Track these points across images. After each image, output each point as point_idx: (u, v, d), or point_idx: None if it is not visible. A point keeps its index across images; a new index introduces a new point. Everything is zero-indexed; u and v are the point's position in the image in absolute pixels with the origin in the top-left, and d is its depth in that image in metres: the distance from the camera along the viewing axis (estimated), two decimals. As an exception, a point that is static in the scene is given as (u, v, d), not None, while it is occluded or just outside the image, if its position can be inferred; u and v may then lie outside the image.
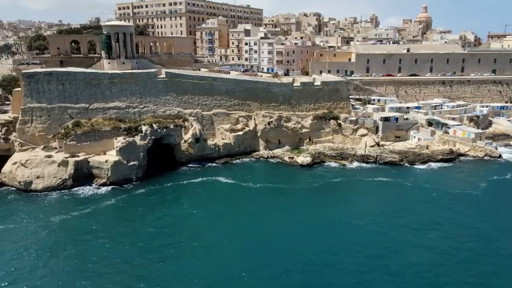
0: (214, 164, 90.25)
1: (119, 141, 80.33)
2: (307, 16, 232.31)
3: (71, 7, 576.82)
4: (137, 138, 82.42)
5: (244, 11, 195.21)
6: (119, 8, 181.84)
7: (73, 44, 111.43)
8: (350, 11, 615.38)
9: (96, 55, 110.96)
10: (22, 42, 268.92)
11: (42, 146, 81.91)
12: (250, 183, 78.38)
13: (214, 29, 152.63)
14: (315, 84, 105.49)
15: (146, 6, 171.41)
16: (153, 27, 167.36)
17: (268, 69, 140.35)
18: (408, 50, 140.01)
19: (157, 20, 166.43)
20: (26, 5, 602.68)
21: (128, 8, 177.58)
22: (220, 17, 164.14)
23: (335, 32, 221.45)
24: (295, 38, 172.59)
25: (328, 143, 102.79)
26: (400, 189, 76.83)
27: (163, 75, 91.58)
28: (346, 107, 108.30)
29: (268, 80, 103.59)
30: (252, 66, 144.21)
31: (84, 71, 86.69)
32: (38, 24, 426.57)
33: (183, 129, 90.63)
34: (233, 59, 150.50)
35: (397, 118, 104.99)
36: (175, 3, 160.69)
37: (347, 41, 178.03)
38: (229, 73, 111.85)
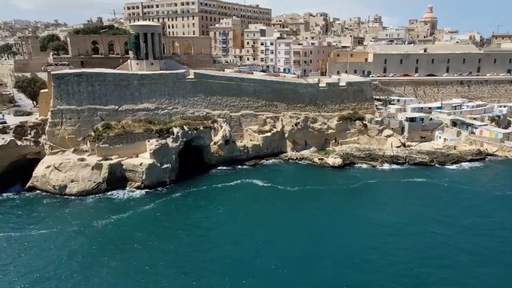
0: (244, 166, 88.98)
1: (152, 143, 78.79)
2: (313, 16, 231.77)
3: (61, 6, 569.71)
4: (169, 141, 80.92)
5: (254, 11, 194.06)
6: (128, 8, 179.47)
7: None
8: (340, 12, 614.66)
9: (115, 55, 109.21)
10: (23, 42, 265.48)
11: (73, 148, 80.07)
12: (287, 186, 77.19)
13: (228, 29, 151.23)
14: (340, 84, 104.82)
15: (157, 6, 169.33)
16: (163, 27, 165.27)
17: (284, 69, 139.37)
18: (425, 50, 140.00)
19: (169, 20, 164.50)
20: (17, 5, 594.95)
21: (137, 7, 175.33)
22: (234, 16, 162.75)
23: (342, 32, 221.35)
24: (306, 38, 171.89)
25: (353, 144, 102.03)
26: (437, 190, 76.19)
27: (191, 76, 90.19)
28: (370, 108, 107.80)
29: (295, 81, 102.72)
30: (267, 66, 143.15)
31: (113, 72, 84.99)
32: (34, 24, 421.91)
33: (212, 130, 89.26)
34: (248, 59, 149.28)
35: (422, 118, 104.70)
36: (187, 3, 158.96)
37: (358, 41, 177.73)
38: (252, 73, 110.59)
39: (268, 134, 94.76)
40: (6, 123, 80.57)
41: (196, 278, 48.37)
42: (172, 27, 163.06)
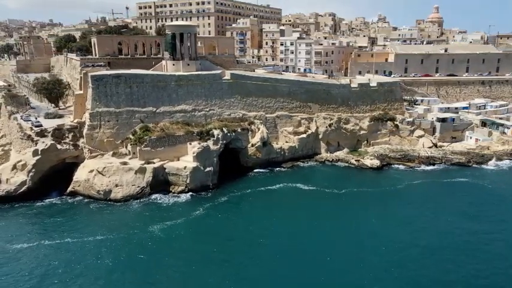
0: (282, 169, 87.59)
1: (194, 146, 77.08)
2: (322, 16, 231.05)
3: (49, 6, 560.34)
4: (210, 143, 79.18)
5: (266, 11, 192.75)
6: (140, 8, 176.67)
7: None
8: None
9: (142, 56, 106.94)
10: (25, 43, 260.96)
11: (111, 152, 77.92)
12: (333, 189, 76.01)
13: (246, 29, 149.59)
14: (371, 85, 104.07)
15: (170, 6, 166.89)
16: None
17: (305, 69, 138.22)
18: (446, 50, 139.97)
19: (182, 20, 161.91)
20: (5, 4, 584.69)
21: (150, 7, 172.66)
22: (251, 16, 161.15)
23: (352, 32, 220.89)
24: (319, 38, 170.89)
25: (385, 145, 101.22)
26: (484, 189, 75.84)
27: (227, 77, 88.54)
28: (400, 108, 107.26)
29: (328, 81, 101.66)
30: (287, 66, 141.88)
31: (151, 73, 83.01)
32: (29, 23, 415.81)
33: (249, 132, 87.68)
34: (266, 60, 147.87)
35: (453, 119, 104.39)
36: (203, 3, 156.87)
37: (372, 41, 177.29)
38: (280, 73, 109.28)
39: (304, 135, 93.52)
40: (42, 126, 78.16)
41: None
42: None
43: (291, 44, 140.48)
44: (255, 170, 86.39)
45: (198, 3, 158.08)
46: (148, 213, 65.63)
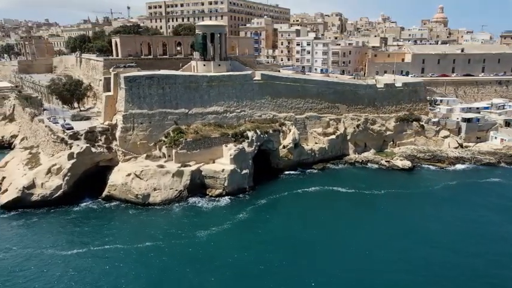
0: (314, 171, 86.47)
1: (230, 148, 75.72)
2: (328, 16, 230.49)
3: (36, 6, 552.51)
4: (245, 145, 77.86)
5: (275, 11, 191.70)
6: (149, 7, 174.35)
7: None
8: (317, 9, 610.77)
9: (164, 56, 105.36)
10: (26, 43, 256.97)
11: (145, 155, 76.21)
12: (373, 190, 75.29)
13: (261, 29, 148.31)
14: (397, 85, 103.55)
15: (181, 6, 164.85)
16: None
17: (322, 70, 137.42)
18: (462, 50, 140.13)
19: (194, 20, 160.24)
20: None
21: (160, 7, 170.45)
22: (265, 16, 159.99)
23: (359, 32, 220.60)
24: (330, 38, 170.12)
25: (410, 145, 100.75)
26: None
27: (258, 78, 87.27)
28: (424, 108, 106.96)
29: (355, 82, 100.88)
30: (303, 67, 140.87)
31: (183, 74, 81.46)
32: (25, 23, 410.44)
33: (280, 134, 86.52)
34: (282, 60, 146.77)
35: (478, 119, 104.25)
36: (216, 2, 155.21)
37: (385, 41, 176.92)
38: (304, 74, 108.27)
39: (333, 136, 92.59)
40: (73, 128, 76.20)
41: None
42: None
43: (308, 44, 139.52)
44: (286, 172, 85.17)
45: (210, 3, 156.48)
46: (190, 218, 64.08)
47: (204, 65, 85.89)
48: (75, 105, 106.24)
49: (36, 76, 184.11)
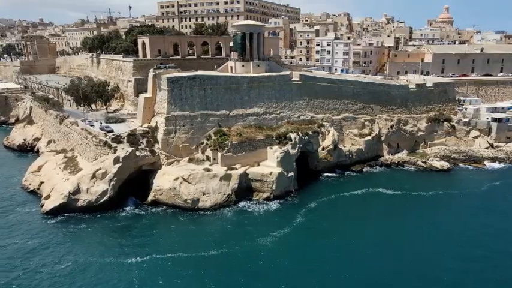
0: (352, 173, 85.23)
1: (276, 150, 74.16)
2: (336, 16, 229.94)
3: (22, 6, 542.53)
4: (289, 147, 76.38)
5: (287, 10, 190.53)
6: (161, 7, 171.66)
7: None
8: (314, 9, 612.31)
9: (193, 57, 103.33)
10: (28, 43, 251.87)
11: (187, 158, 74.30)
12: (420, 192, 74.40)
13: (279, 29, 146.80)
14: (427, 85, 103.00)
15: (195, 5, 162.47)
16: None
17: (342, 70, 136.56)
18: (482, 50, 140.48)
19: (209, 20, 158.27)
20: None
21: (173, 6, 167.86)
22: (283, 16, 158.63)
23: (368, 32, 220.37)
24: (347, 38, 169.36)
25: (441, 146, 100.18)
26: None
27: (296, 78, 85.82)
28: (453, 109, 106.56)
29: (389, 82, 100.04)
30: (323, 67, 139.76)
31: (224, 75, 79.67)
32: (19, 23, 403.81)
33: (319, 135, 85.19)
34: (300, 60, 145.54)
35: (508, 119, 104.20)
36: (231, 2, 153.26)
37: (398, 41, 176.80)
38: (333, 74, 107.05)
39: (369, 137, 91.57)
40: (113, 131, 73.89)
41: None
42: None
43: (328, 44, 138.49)
44: (325, 174, 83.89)
45: (226, 3, 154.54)
46: (245, 224, 62.25)
47: (243, 66, 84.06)
48: (93, 106, 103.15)
49: (40, 77, 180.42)
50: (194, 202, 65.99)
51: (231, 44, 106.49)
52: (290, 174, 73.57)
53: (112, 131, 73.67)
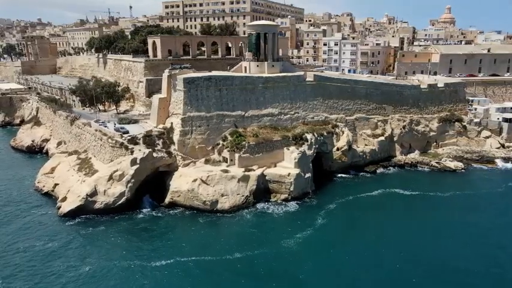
0: (367, 174, 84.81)
1: (293, 151, 73.64)
2: (339, 16, 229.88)
3: (18, 5, 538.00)
4: (305, 148, 75.86)
5: (291, 10, 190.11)
6: (166, 7, 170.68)
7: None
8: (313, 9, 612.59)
9: (203, 57, 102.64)
10: (29, 43, 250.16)
11: (204, 159, 73.59)
12: (437, 192, 74.10)
13: (286, 29, 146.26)
14: (439, 86, 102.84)
15: (200, 5, 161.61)
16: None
17: (349, 70, 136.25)
18: (489, 50, 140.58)
19: (214, 20, 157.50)
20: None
21: (178, 6, 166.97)
22: (289, 16, 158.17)
23: (371, 32, 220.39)
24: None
25: (453, 146, 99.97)
26: None
27: (311, 79, 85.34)
28: (463, 109, 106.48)
29: (401, 82, 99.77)
30: (330, 67, 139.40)
31: (240, 75, 79.07)
32: (17, 23, 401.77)
33: (334, 136, 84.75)
34: (307, 60, 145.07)
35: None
36: (238, 2, 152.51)
37: (402, 41, 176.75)
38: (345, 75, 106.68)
39: (382, 137, 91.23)
40: (128, 132, 73.08)
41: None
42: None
43: (335, 44, 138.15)
44: (339, 175, 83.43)
45: (232, 3, 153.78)
46: (266, 226, 61.69)
47: (258, 66, 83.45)
48: (100, 107, 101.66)
49: (42, 77, 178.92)
50: (213, 204, 65.31)
51: (241, 44, 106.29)
52: (307, 175, 73.05)
53: (127, 132, 72.85)
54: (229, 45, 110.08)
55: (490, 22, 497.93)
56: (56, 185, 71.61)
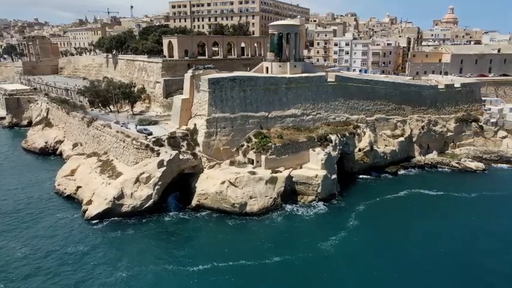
0: (388, 175, 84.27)
1: (319, 152, 72.91)
2: (342, 16, 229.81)
3: (11, 5, 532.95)
4: (330, 149, 75.14)
5: (298, 10, 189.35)
6: (173, 7, 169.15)
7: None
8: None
9: (218, 57, 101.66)
10: (30, 43, 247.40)
11: (228, 161, 72.59)
12: (462, 193, 73.70)
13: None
14: (455, 86, 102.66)
15: (208, 5, 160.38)
16: (211, 27, 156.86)
17: (360, 70, 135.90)
18: (499, 51, 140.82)
19: (222, 20, 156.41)
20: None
21: (185, 6, 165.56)
22: (299, 16, 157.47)
23: (375, 32, 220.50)
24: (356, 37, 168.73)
25: (470, 146, 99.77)
26: None
27: (332, 79, 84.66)
28: (479, 109, 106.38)
29: (420, 83, 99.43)
30: (341, 67, 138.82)
31: (263, 76, 78.24)
32: (14, 22, 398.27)
33: (355, 136, 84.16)
34: (318, 60, 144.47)
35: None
36: (246, 2, 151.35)
37: (409, 41, 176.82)
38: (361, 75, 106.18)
39: (402, 138, 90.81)
40: (152, 134, 71.96)
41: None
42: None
43: (346, 44, 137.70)
44: (361, 176, 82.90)
45: (240, 3, 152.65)
46: (299, 228, 60.89)
47: (280, 66, 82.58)
48: (111, 108, 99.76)
49: (44, 78, 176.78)
50: (242, 206, 64.37)
51: (255, 44, 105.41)
52: (333, 176, 72.39)
53: (151, 133, 71.75)
54: (243, 45, 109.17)
55: (491, 22, 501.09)
56: (78, 187, 70.32)
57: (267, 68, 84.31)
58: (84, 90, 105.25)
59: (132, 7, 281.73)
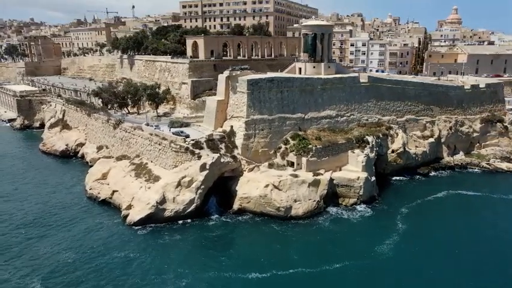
0: (421, 177, 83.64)
1: (359, 154, 71.91)
2: (349, 16, 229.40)
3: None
4: (367, 151, 74.16)
5: (308, 10, 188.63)
6: (183, 6, 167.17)
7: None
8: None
9: (244, 58, 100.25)
10: (31, 43, 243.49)
11: (267, 163, 71.23)
12: (501, 195, 73.24)
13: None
14: (480, 86, 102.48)
15: (220, 5, 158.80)
16: (223, 27, 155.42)
17: (377, 70, 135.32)
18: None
19: (235, 20, 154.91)
20: None
21: (196, 6, 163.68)
22: (313, 16, 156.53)
23: (382, 32, 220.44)
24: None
25: (495, 147, 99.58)
26: None
27: (365, 80, 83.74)
28: (502, 109, 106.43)
29: (447, 83, 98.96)
30: (357, 67, 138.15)
31: (300, 77, 76.99)
32: (10, 22, 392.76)
33: (388, 138, 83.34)
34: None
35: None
36: (260, 2, 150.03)
37: (419, 41, 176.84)
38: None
39: (432, 139, 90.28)
40: (189, 136, 70.28)
41: None
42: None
43: (363, 44, 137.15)
44: (394, 178, 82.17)
45: (254, 3, 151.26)
46: (349, 233, 59.71)
47: (314, 67, 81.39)
48: (126, 109, 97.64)
49: (49, 78, 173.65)
50: (287, 210, 63.05)
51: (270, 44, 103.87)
52: (373, 178, 71.45)
53: (188, 136, 70.07)
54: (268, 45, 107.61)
55: (491, 22, 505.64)
56: (114, 191, 68.36)
57: (300, 68, 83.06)
58: (99, 92, 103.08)
59: (133, 7, 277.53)
